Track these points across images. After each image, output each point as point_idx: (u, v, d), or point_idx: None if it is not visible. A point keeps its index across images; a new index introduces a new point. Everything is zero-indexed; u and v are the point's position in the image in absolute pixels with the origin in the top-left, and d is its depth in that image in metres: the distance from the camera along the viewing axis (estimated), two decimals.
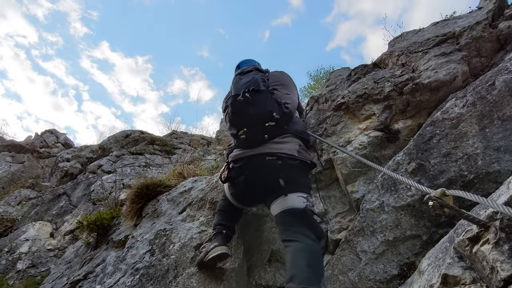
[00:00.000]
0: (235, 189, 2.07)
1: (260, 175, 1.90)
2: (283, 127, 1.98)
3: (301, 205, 1.76)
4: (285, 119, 1.98)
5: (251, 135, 1.93)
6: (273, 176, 1.82)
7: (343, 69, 4.11)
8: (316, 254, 1.61)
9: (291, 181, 1.82)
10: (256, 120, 1.92)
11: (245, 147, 1.98)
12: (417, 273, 1.41)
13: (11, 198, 6.03)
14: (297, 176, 1.87)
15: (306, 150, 2.05)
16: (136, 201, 3.04)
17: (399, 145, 2.15)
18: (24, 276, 4.16)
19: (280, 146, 1.91)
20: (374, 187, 1.92)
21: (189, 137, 8.85)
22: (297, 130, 2.04)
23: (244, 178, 1.95)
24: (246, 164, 1.94)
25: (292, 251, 1.61)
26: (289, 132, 1.99)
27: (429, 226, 1.65)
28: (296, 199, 1.78)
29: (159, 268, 2.14)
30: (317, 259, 1.59)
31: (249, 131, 1.93)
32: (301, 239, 1.64)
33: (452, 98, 1.96)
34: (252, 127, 1.93)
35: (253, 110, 1.92)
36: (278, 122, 1.93)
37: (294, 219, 1.74)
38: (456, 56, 2.25)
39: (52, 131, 10.11)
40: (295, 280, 1.46)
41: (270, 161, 1.86)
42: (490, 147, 1.63)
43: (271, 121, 1.91)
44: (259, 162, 1.89)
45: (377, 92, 2.31)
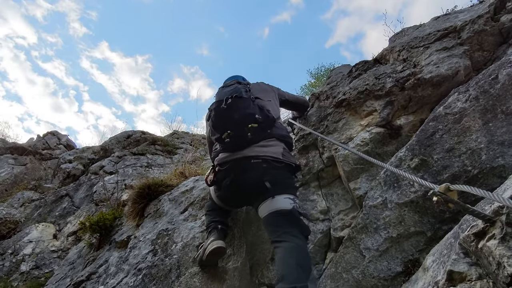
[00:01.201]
0: (221, 192, 2.10)
1: (245, 178, 1.93)
2: (266, 130, 2.03)
3: (288, 207, 1.80)
4: (268, 123, 2.04)
5: (235, 137, 1.97)
6: (259, 179, 1.86)
7: (344, 67, 4.09)
8: (304, 253, 1.66)
9: (277, 183, 1.86)
10: (239, 123, 1.97)
11: (230, 151, 2.02)
12: (422, 270, 1.39)
13: (14, 200, 6.04)
14: (282, 178, 1.92)
15: (290, 154, 2.10)
16: (138, 201, 3.04)
17: (401, 141, 2.13)
18: (28, 277, 4.17)
19: (265, 149, 1.97)
20: (376, 183, 1.90)
21: (191, 137, 8.85)
22: (281, 134, 2.09)
23: (229, 181, 1.98)
24: (232, 167, 1.98)
25: (281, 252, 1.65)
26: (273, 136, 2.04)
27: (433, 223, 1.63)
28: (283, 201, 1.82)
29: (161, 268, 2.13)
30: (305, 258, 1.64)
31: (233, 133, 1.97)
32: (289, 239, 1.68)
33: (454, 93, 1.94)
34: (235, 130, 1.97)
35: (236, 114, 1.97)
36: (261, 125, 1.99)
37: (282, 220, 1.78)
38: (458, 50, 2.22)
39: (54, 132, 10.14)
40: (285, 280, 1.50)
41: (255, 164, 1.91)
42: (494, 141, 1.61)
43: (254, 122, 1.96)
44: (244, 165, 1.93)
45: (379, 88, 2.29)
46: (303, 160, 2.51)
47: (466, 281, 1.01)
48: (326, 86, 2.99)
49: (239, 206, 2.33)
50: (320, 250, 2.08)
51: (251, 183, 1.90)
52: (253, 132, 1.95)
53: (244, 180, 1.93)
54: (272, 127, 2.08)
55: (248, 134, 1.94)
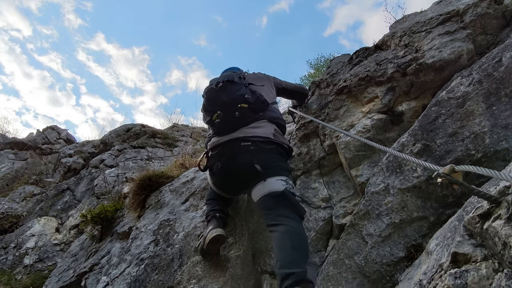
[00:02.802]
0: (215, 178, 2.10)
1: (235, 162, 1.92)
2: (257, 112, 2.04)
3: (280, 188, 1.79)
4: (259, 105, 2.04)
5: (225, 118, 1.98)
6: (249, 162, 1.85)
7: (344, 56, 4.05)
8: (300, 236, 1.63)
9: (268, 166, 1.85)
10: (229, 103, 1.98)
11: (221, 134, 2.03)
12: (425, 254, 1.38)
13: (15, 194, 6.06)
14: (274, 160, 1.91)
15: (282, 135, 2.09)
16: (139, 193, 3.04)
17: (403, 127, 2.11)
18: (32, 270, 4.20)
19: (255, 130, 1.97)
20: (379, 169, 1.88)
21: (190, 130, 8.83)
22: (272, 116, 2.09)
23: (220, 165, 1.97)
24: (222, 151, 1.98)
25: (276, 236, 1.63)
26: (264, 118, 2.05)
27: (436, 207, 1.62)
28: (275, 183, 1.81)
29: (164, 257, 2.13)
30: (301, 241, 1.61)
31: (222, 114, 1.97)
32: (284, 222, 1.66)
33: (457, 77, 1.91)
34: (225, 110, 1.97)
35: (225, 96, 1.99)
36: (251, 106, 1.99)
37: (275, 202, 1.77)
38: (460, 34, 2.18)
39: (53, 127, 10.12)
40: (282, 265, 1.48)
41: (244, 147, 1.90)
42: (497, 125, 1.59)
43: (244, 103, 1.97)
44: (234, 148, 1.93)
45: (380, 74, 2.26)
46: (304, 148, 2.50)
47: (471, 262, 0.99)
48: (327, 74, 2.96)
49: (236, 193, 2.27)
50: (322, 237, 2.07)
51: (241, 167, 1.90)
52: (243, 113, 1.96)
53: (234, 164, 1.93)
54: (264, 110, 2.08)
55: (236, 114, 1.94)
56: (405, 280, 1.46)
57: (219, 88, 2.01)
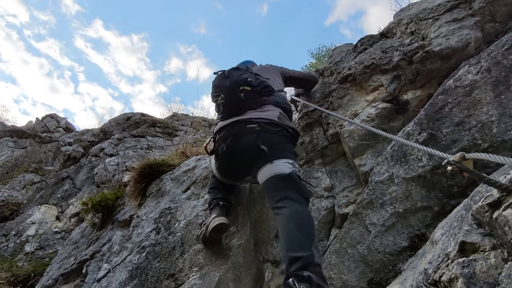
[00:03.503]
0: (220, 162, 2.09)
1: (240, 143, 1.92)
2: (261, 96, 2.05)
3: (287, 170, 1.76)
4: (263, 89, 2.06)
5: (228, 100, 2.01)
6: (254, 143, 1.84)
7: (346, 45, 3.97)
8: (306, 219, 1.60)
9: (274, 148, 1.84)
10: (232, 86, 2.01)
11: (227, 117, 2.04)
12: (430, 243, 1.37)
13: (15, 182, 6.05)
14: (280, 143, 1.90)
15: (288, 119, 2.10)
16: (140, 181, 3.02)
17: (408, 117, 2.08)
18: (33, 258, 4.21)
19: (260, 113, 1.97)
20: (383, 159, 1.86)
21: (191, 119, 8.78)
22: (277, 101, 2.09)
23: (225, 147, 1.97)
24: (227, 133, 1.98)
25: (281, 219, 1.61)
26: (269, 103, 2.05)
27: (440, 197, 1.61)
28: (282, 165, 1.79)
29: (165, 245, 2.13)
30: (307, 224, 1.58)
31: (226, 95, 2.02)
32: (289, 205, 1.64)
33: (465, 65, 1.87)
34: (228, 92, 2.02)
35: (229, 81, 2.04)
36: (254, 90, 2.00)
37: (281, 184, 1.75)
38: (469, 21, 2.14)
39: (52, 115, 10.05)
40: (289, 248, 1.46)
41: (250, 128, 1.89)
42: (506, 114, 1.56)
43: (246, 85, 1.98)
44: (239, 129, 1.93)
45: (385, 62, 2.22)
46: (307, 137, 2.47)
47: (479, 252, 0.98)
48: (330, 63, 2.91)
49: (239, 178, 2.25)
50: (324, 226, 2.06)
51: (246, 148, 1.89)
52: (246, 95, 1.96)
53: (239, 146, 1.92)
54: (269, 95, 2.08)
55: (241, 95, 1.96)
56: (408, 270, 1.45)
57: (225, 75, 2.08)
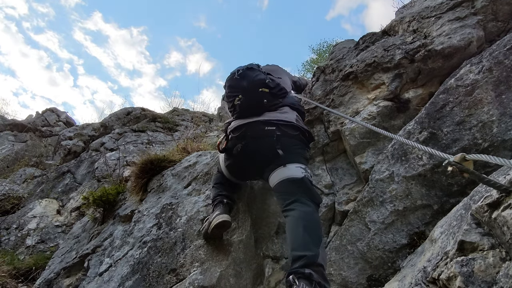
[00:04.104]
0: (231, 160, 2.08)
1: (257, 144, 1.93)
2: (278, 98, 2.08)
3: (300, 175, 1.79)
4: (279, 91, 2.10)
5: (246, 101, 2.02)
6: (271, 146, 1.86)
7: (347, 41, 3.97)
8: (314, 221, 1.63)
9: (289, 152, 1.86)
10: (250, 87, 2.02)
11: (243, 117, 2.03)
12: (429, 241, 1.39)
13: (16, 176, 6.06)
14: (295, 148, 1.92)
15: (303, 121, 2.13)
16: (141, 176, 3.03)
17: (409, 115, 2.09)
18: (34, 251, 4.24)
19: (278, 115, 1.99)
20: (383, 157, 1.88)
21: (191, 114, 8.77)
22: (293, 103, 2.12)
23: (241, 147, 1.96)
24: (244, 133, 1.97)
25: (290, 221, 1.64)
26: (286, 105, 2.08)
27: (440, 196, 1.62)
28: (295, 169, 1.81)
29: (166, 241, 2.15)
30: (314, 226, 1.61)
31: (244, 97, 2.02)
32: (299, 207, 1.67)
33: (466, 65, 1.88)
34: (247, 93, 2.02)
35: (245, 81, 2.04)
36: (272, 91, 2.04)
37: (293, 187, 1.77)
38: (471, 20, 2.13)
39: (53, 109, 10.04)
40: (294, 247, 1.50)
41: (269, 131, 1.90)
42: (506, 114, 1.57)
43: (265, 87, 2.02)
44: (257, 131, 1.93)
45: (387, 60, 2.22)
46: None
47: (478, 251, 1.00)
48: (331, 60, 2.91)
49: (246, 178, 2.27)
50: (324, 223, 2.08)
51: (262, 151, 1.89)
52: (266, 97, 2.00)
53: (256, 147, 1.92)
54: (284, 97, 2.11)
55: (262, 99, 1.99)
56: (407, 267, 1.48)
57: (239, 75, 2.07)
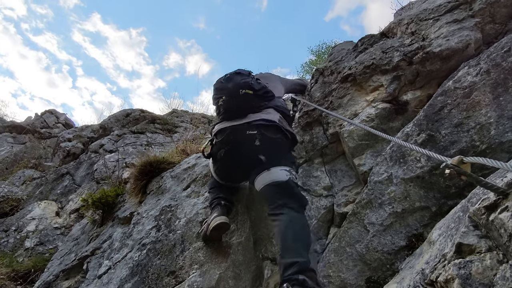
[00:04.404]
0: (218, 165, 2.10)
1: (239, 150, 1.94)
2: (263, 100, 2.08)
3: (284, 178, 1.81)
4: (264, 93, 2.09)
5: (229, 102, 2.02)
6: (253, 151, 1.88)
7: (346, 43, 3.98)
8: (301, 225, 1.67)
9: (272, 155, 1.88)
10: (233, 89, 2.01)
11: (227, 119, 2.04)
12: (427, 243, 1.39)
13: (15, 178, 6.06)
14: (278, 150, 1.94)
15: (287, 124, 2.13)
16: (140, 178, 3.04)
17: (407, 117, 2.09)
18: (33, 253, 4.24)
19: (261, 115, 1.99)
20: (382, 159, 1.88)
21: (190, 116, 8.78)
22: (277, 105, 2.13)
23: (224, 152, 1.98)
24: (227, 138, 1.98)
25: (278, 226, 1.66)
26: (270, 107, 2.08)
27: (438, 198, 1.63)
28: (279, 172, 1.83)
29: (166, 243, 2.15)
30: (303, 230, 1.65)
31: (227, 98, 2.02)
32: (286, 212, 1.69)
33: (464, 67, 1.89)
34: (230, 95, 2.02)
35: (231, 84, 2.04)
36: (256, 93, 2.03)
37: (278, 191, 1.80)
38: (469, 22, 2.14)
39: (52, 111, 10.04)
40: (284, 254, 1.52)
41: (250, 135, 1.89)
42: (504, 116, 1.58)
43: (248, 89, 2.00)
44: (239, 136, 1.93)
45: (386, 62, 2.23)
46: (307, 136, 2.48)
47: (475, 253, 1.00)
48: (330, 62, 2.92)
49: (236, 181, 2.28)
50: (323, 225, 2.09)
51: (245, 156, 1.92)
52: (248, 98, 1.98)
53: (238, 153, 1.94)
54: (270, 100, 2.12)
55: (245, 101, 1.98)
56: (406, 269, 1.48)
57: (225, 79, 2.08)
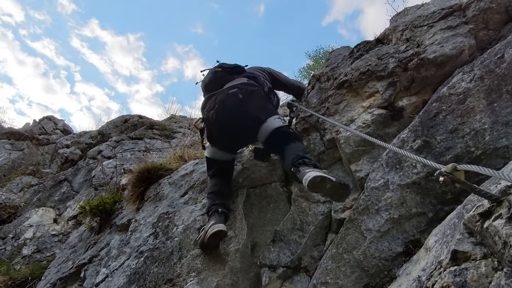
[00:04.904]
0: (212, 131, 2.33)
1: (227, 107, 2.19)
2: (233, 74, 2.48)
3: (280, 124, 2.16)
4: (233, 69, 2.52)
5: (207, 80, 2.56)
6: (240, 107, 2.18)
7: (343, 48, 4.01)
8: (302, 145, 2.12)
9: (261, 109, 2.21)
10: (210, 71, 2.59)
11: (209, 93, 2.43)
12: (424, 250, 1.40)
13: (12, 185, 6.04)
14: (262, 102, 2.27)
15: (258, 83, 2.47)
16: (137, 185, 3.03)
17: (403, 123, 2.11)
18: (30, 261, 4.21)
19: (234, 82, 2.37)
20: (378, 165, 1.89)
21: (188, 121, 8.78)
22: (247, 75, 2.50)
23: (214, 114, 2.22)
24: (213, 103, 2.27)
25: (285, 151, 2.01)
26: (241, 76, 2.46)
27: (435, 204, 1.63)
28: (275, 121, 2.16)
29: (163, 250, 2.14)
30: (303, 147, 2.09)
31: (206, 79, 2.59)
32: (290, 143, 2.06)
33: (459, 73, 1.90)
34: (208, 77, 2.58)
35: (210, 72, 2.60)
36: (225, 70, 2.49)
37: (280, 136, 2.12)
38: (463, 29, 2.17)
39: (50, 117, 10.04)
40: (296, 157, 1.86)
41: (232, 93, 2.22)
42: (498, 122, 1.59)
43: (218, 67, 2.53)
44: (222, 96, 2.24)
45: (381, 69, 2.25)
46: (304, 142, 2.49)
47: (471, 260, 1.00)
48: (326, 68, 2.94)
49: (231, 147, 2.43)
50: (321, 231, 2.09)
51: (234, 111, 2.18)
52: (220, 74, 2.46)
53: (227, 110, 2.19)
54: (240, 73, 2.52)
55: (217, 75, 2.46)
56: (403, 275, 1.48)
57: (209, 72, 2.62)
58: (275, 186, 2.42)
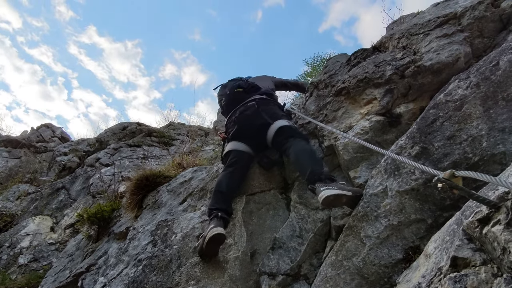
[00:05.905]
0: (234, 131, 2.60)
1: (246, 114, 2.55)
2: (251, 93, 2.72)
3: (286, 123, 2.41)
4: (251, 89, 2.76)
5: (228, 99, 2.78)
6: (258, 114, 2.50)
7: (341, 56, 4.06)
8: (312, 151, 2.20)
9: (271, 115, 2.49)
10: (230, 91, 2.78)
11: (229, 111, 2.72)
12: (423, 256, 1.40)
13: (9, 193, 5.99)
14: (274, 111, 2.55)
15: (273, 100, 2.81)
16: (136, 193, 3.02)
17: (401, 129, 2.12)
18: (26, 270, 4.16)
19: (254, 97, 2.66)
20: (377, 172, 1.90)
21: (187, 128, 8.80)
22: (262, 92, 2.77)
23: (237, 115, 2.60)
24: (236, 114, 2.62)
25: (294, 152, 2.17)
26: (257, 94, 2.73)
27: (433, 210, 1.64)
28: (281, 122, 2.42)
29: (162, 258, 2.13)
30: (314, 154, 2.17)
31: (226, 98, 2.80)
32: (296, 142, 2.22)
33: (455, 80, 1.93)
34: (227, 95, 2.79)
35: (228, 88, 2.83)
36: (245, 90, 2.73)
37: (285, 132, 2.35)
38: (458, 37, 2.20)
39: (48, 125, 10.03)
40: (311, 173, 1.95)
41: (250, 105, 2.58)
42: (495, 128, 1.61)
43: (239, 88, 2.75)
44: (242, 109, 2.61)
45: (378, 76, 2.27)
46: None
47: (470, 267, 1.01)
48: (324, 75, 2.96)
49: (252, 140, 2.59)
50: (320, 238, 2.08)
51: (251, 116, 2.53)
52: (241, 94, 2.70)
53: (246, 117, 2.56)
54: (256, 91, 2.76)
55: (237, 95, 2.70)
56: (403, 282, 1.47)
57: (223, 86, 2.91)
58: (274, 193, 2.42)
